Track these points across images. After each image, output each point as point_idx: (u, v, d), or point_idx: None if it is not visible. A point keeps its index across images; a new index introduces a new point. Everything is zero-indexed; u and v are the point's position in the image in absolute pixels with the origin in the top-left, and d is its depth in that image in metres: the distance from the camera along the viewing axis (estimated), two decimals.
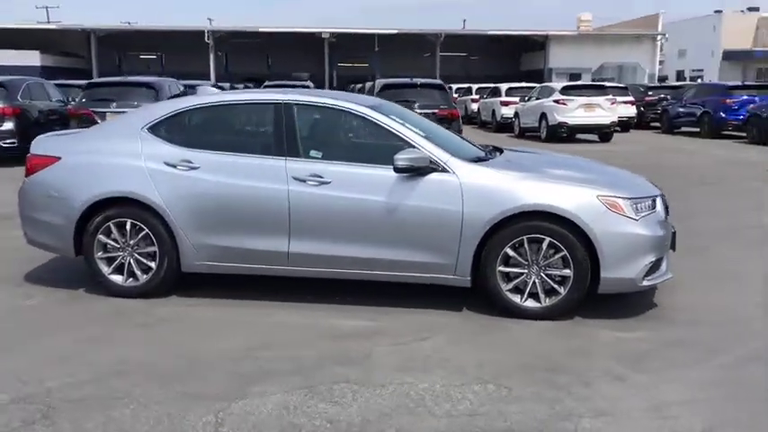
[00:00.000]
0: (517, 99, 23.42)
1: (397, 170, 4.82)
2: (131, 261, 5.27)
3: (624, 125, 22.81)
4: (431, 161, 4.87)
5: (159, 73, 30.93)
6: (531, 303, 4.85)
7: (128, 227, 5.22)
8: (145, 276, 5.27)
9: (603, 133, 20.18)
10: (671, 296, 5.33)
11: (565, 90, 20.08)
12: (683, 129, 23.54)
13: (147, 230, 5.18)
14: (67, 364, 4.08)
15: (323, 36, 45.87)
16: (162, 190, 5.12)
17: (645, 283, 4.84)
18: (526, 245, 4.78)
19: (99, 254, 5.29)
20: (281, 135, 5.13)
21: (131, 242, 5.24)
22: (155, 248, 5.20)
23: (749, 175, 12.63)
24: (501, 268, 4.83)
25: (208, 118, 5.51)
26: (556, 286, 4.80)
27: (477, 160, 5.19)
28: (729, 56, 65.43)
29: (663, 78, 47.88)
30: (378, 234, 4.93)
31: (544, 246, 4.76)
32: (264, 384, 3.81)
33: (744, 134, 20.06)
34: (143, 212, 5.17)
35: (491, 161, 5.24)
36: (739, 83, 24.63)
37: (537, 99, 21.19)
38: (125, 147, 5.30)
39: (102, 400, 3.61)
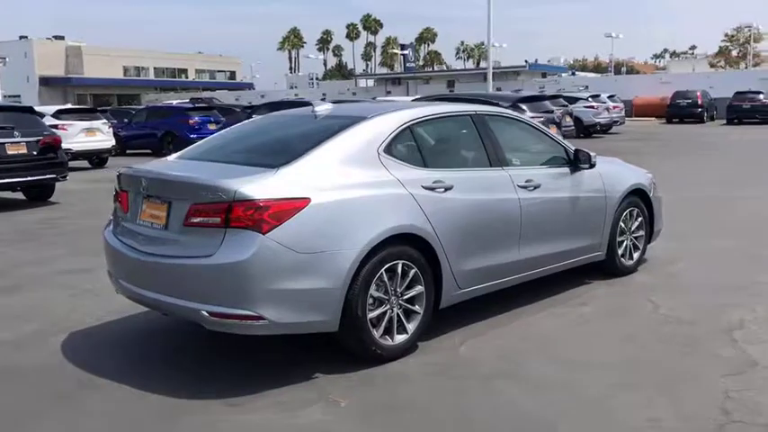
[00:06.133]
0: None
1: (591, 167, 5.50)
2: (399, 312, 4.25)
3: None
4: None
5: None
6: (628, 262, 6.23)
7: (398, 270, 4.19)
8: (411, 326, 4.33)
9: (101, 158, 19.39)
10: None
11: (59, 114, 18.33)
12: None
13: (415, 269, 4.28)
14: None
15: None
16: (432, 218, 4.33)
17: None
18: (627, 215, 6.13)
19: (369, 315, 4.06)
20: (492, 146, 5.00)
21: (399, 289, 4.22)
22: (421, 288, 4.33)
23: None
24: (619, 239, 6.05)
25: (424, 133, 4.72)
26: (638, 244, 6.32)
27: None
28: (47, 81, 66.30)
29: None
30: (570, 225, 5.45)
31: (634, 214, 6.21)
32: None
33: None
34: (410, 248, 4.26)
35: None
36: (191, 105, 26.54)
37: None
38: (375, 174, 4.21)
39: None
